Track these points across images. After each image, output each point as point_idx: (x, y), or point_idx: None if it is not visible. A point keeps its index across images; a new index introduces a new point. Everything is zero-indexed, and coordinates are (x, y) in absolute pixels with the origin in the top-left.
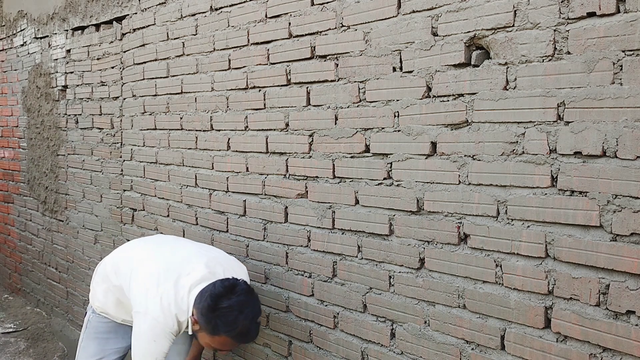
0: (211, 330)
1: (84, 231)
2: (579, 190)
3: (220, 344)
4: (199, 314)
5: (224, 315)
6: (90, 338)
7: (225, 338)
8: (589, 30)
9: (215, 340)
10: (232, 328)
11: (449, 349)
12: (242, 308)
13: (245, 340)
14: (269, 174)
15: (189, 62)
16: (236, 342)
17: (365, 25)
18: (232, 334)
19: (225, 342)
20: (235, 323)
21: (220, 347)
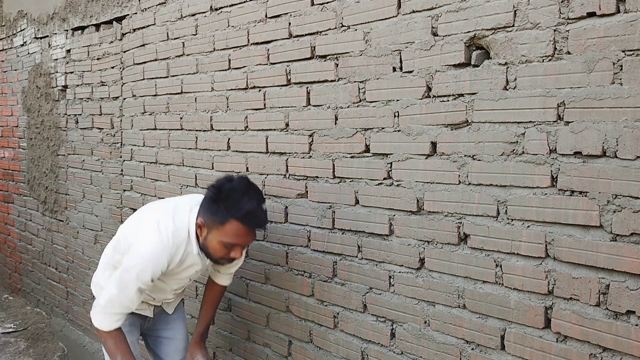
0: (219, 220)
1: (84, 231)
2: (579, 190)
3: (231, 234)
4: (204, 213)
5: (227, 198)
6: None
7: (234, 223)
8: (589, 30)
9: (226, 231)
10: (238, 208)
11: (449, 349)
12: (244, 190)
13: (254, 224)
14: (269, 174)
15: (189, 62)
16: (245, 226)
17: (365, 25)
18: (239, 214)
19: (236, 230)
20: (240, 203)
21: (233, 239)
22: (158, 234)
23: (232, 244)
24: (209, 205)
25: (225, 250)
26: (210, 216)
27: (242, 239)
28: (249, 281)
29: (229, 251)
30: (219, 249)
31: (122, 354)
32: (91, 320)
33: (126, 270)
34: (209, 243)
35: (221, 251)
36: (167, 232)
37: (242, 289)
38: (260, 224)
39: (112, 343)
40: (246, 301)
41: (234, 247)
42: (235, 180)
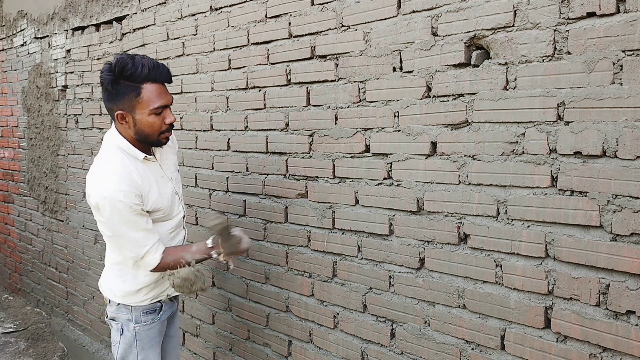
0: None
1: (84, 231)
2: (579, 190)
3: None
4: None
5: (123, 71)
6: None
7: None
8: (589, 30)
9: (146, 99)
10: (140, 72)
11: (449, 349)
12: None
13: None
14: (269, 174)
15: (189, 62)
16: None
17: (365, 25)
18: (143, 74)
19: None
20: (136, 67)
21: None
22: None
23: (159, 107)
24: (115, 92)
25: (158, 120)
26: (122, 99)
27: (163, 96)
28: (249, 281)
29: (161, 119)
30: (151, 122)
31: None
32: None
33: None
34: (140, 125)
35: (155, 123)
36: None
37: (242, 289)
38: (167, 74)
39: (171, 259)
40: (246, 301)
41: (163, 110)
42: (117, 56)
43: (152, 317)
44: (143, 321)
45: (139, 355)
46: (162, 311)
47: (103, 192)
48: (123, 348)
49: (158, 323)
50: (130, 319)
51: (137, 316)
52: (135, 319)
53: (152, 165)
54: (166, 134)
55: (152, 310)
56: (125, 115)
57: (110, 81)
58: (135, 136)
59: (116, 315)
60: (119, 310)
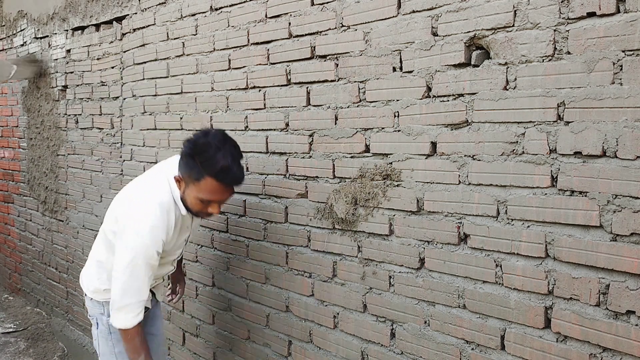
0: (194, 176)
1: (84, 231)
2: (579, 190)
3: (207, 190)
4: (181, 168)
5: (202, 153)
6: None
7: (209, 180)
8: (589, 30)
9: (202, 188)
10: (212, 164)
11: (449, 349)
12: (220, 145)
13: (228, 180)
14: (269, 174)
15: (189, 62)
16: (220, 183)
17: (365, 25)
18: (213, 171)
19: (211, 187)
20: (214, 159)
21: (208, 195)
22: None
23: (208, 200)
24: (186, 160)
25: (202, 205)
26: (186, 171)
27: (217, 195)
28: (249, 281)
29: (206, 206)
30: (195, 204)
31: (146, 353)
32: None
33: (129, 254)
34: (187, 197)
35: (198, 206)
36: (154, 205)
37: (242, 289)
38: (235, 181)
39: (138, 340)
40: (246, 301)
41: (211, 203)
42: (211, 134)
43: None
44: None
45: (115, 347)
46: None
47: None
48: (100, 342)
49: None
50: (103, 312)
51: (108, 310)
52: (107, 312)
53: (187, 218)
54: (203, 216)
55: None
56: (180, 181)
57: (187, 154)
58: (181, 198)
59: (90, 311)
60: (93, 304)
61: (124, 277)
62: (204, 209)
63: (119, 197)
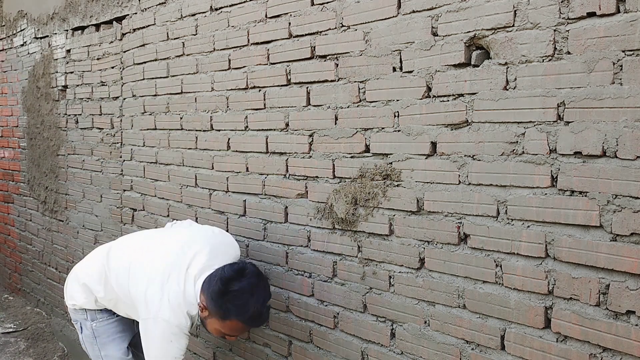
0: (222, 315)
1: (84, 231)
2: (579, 190)
3: (231, 329)
4: (208, 300)
5: (235, 299)
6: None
7: (236, 322)
8: (589, 30)
9: (227, 325)
10: (244, 311)
11: (449, 349)
12: (253, 291)
13: (256, 324)
14: (269, 174)
15: (189, 62)
16: (247, 326)
17: (365, 25)
18: (243, 317)
19: (237, 327)
20: (246, 306)
21: (231, 332)
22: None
23: (229, 335)
24: (216, 297)
25: (222, 335)
26: (213, 306)
27: (240, 332)
28: None
29: (225, 335)
30: (216, 333)
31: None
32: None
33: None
34: (208, 323)
35: (218, 334)
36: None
37: None
38: (261, 324)
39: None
40: None
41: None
42: (246, 277)
43: (108, 314)
44: (99, 318)
45: (101, 351)
46: None
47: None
48: (87, 347)
49: (116, 319)
50: (86, 318)
51: (92, 314)
52: (90, 317)
53: None
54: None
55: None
56: (204, 310)
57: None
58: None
59: (74, 316)
60: (75, 311)
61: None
62: (220, 336)
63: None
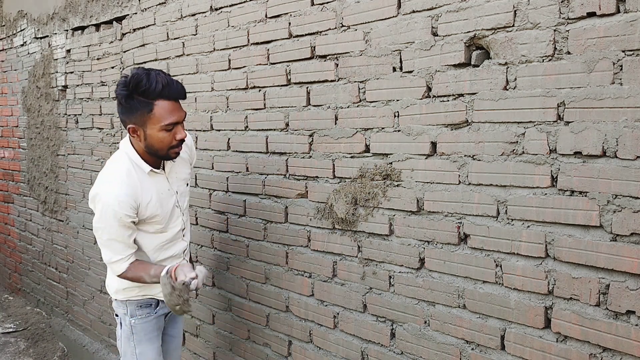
0: (145, 111)
1: (84, 231)
2: (579, 190)
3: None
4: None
5: (137, 87)
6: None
7: (159, 104)
8: (589, 30)
9: (157, 116)
10: (153, 88)
11: (449, 349)
12: (146, 72)
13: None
14: (269, 174)
15: (189, 62)
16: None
17: (365, 25)
18: (156, 91)
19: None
20: (151, 84)
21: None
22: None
23: (170, 124)
24: (128, 106)
25: (169, 135)
26: (135, 114)
27: (175, 113)
28: (249, 281)
29: (172, 135)
30: (161, 137)
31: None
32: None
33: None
34: (150, 139)
35: (165, 139)
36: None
37: (242, 289)
38: (181, 92)
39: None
40: (246, 301)
41: (174, 127)
42: (131, 74)
43: (148, 311)
44: (138, 315)
45: (136, 348)
46: (158, 306)
47: (101, 195)
48: (122, 341)
49: (154, 317)
50: (126, 312)
51: (132, 310)
52: (130, 312)
53: (159, 178)
54: (176, 149)
55: (147, 305)
56: (137, 129)
57: (125, 96)
58: (145, 149)
59: (115, 310)
60: (117, 305)
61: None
62: (172, 139)
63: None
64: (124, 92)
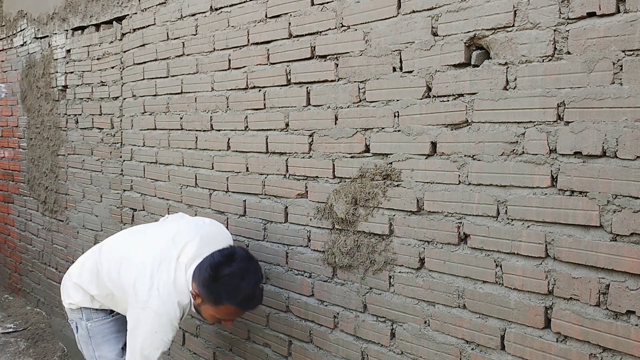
0: (214, 300)
1: (84, 231)
2: (579, 190)
3: (226, 313)
4: (200, 287)
5: (226, 284)
6: (101, 344)
7: (229, 306)
8: (589, 30)
9: (220, 310)
10: (236, 295)
11: (449, 349)
12: (244, 274)
13: (250, 307)
14: (269, 174)
15: (189, 62)
16: (241, 309)
17: (365, 25)
18: (235, 301)
19: (230, 311)
20: (238, 290)
21: (226, 316)
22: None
23: (225, 320)
24: (207, 284)
25: (217, 320)
26: (205, 292)
27: (235, 316)
28: None
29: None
30: (210, 318)
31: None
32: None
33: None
34: (202, 310)
35: (213, 320)
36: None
37: None
38: (255, 306)
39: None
40: None
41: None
42: (236, 260)
43: (103, 314)
44: (94, 318)
45: (95, 351)
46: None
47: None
48: (82, 346)
49: (112, 320)
50: (82, 317)
51: (87, 314)
52: (86, 316)
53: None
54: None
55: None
56: (197, 297)
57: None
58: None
59: (70, 317)
60: (71, 312)
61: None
62: (217, 321)
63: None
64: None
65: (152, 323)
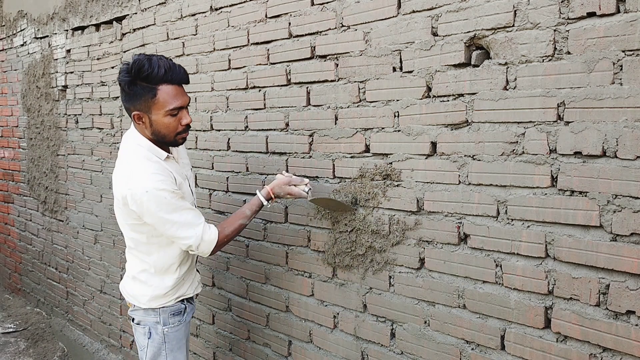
0: (149, 96)
1: (84, 231)
2: (579, 190)
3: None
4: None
5: (140, 72)
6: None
7: (163, 88)
8: (589, 30)
9: (162, 101)
10: (156, 72)
11: (449, 349)
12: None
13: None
14: (269, 174)
15: (189, 62)
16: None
17: (365, 25)
18: (159, 75)
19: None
20: (153, 68)
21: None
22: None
23: (175, 109)
24: (131, 93)
25: (174, 120)
26: (139, 100)
27: (179, 97)
28: (249, 281)
29: (178, 120)
30: (167, 123)
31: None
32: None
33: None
34: (156, 125)
35: (171, 124)
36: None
37: (242, 289)
38: (184, 75)
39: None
40: (246, 301)
41: (179, 111)
42: (132, 60)
43: (179, 318)
44: (171, 323)
45: (167, 357)
46: (186, 312)
47: (143, 187)
48: (152, 352)
49: (184, 324)
50: (159, 321)
51: (164, 318)
52: (163, 321)
53: (172, 164)
54: (183, 134)
55: (178, 312)
56: (142, 116)
57: (128, 82)
58: (152, 136)
59: (143, 319)
60: (147, 314)
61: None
62: (177, 124)
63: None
64: (126, 79)
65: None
